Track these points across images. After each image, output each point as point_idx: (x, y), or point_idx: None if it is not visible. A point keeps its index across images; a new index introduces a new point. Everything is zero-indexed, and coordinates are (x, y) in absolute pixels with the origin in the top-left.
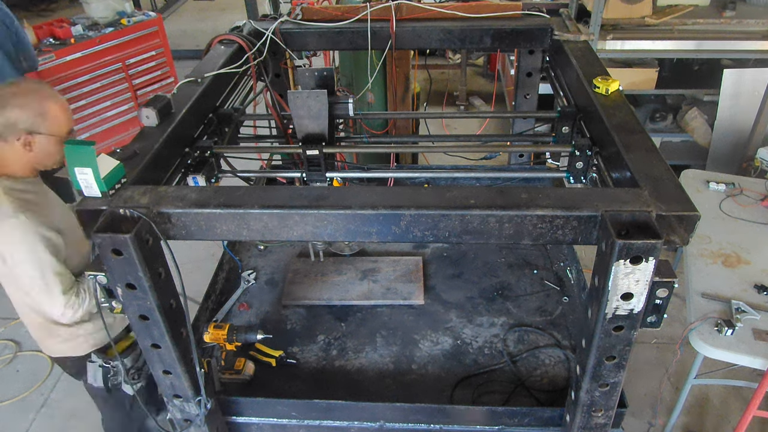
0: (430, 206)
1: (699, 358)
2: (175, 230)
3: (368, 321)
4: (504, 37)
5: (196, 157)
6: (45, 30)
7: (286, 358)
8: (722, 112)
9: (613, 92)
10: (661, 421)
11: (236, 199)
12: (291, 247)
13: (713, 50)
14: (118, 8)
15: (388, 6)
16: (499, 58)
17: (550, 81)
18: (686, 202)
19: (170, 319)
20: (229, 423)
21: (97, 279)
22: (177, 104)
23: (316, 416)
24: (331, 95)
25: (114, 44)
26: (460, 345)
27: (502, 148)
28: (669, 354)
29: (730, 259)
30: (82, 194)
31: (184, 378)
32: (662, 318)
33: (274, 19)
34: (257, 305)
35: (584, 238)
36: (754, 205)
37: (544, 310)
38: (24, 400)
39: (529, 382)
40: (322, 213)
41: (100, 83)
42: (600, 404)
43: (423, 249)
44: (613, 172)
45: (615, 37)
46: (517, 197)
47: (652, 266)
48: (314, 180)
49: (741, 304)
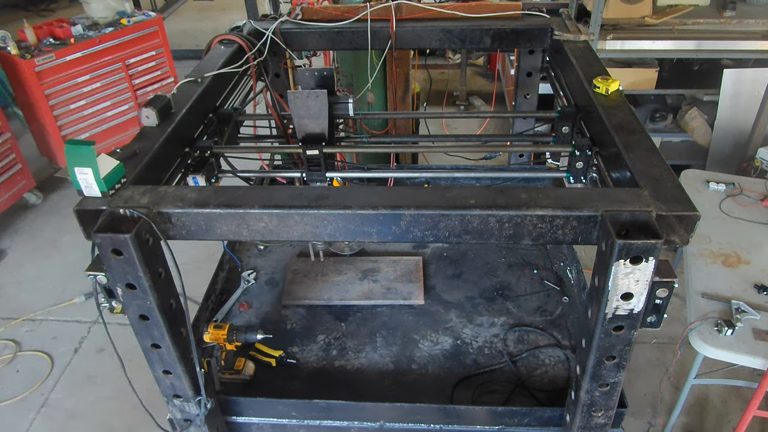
0: (430, 206)
1: (699, 358)
2: (175, 230)
3: (368, 321)
4: (504, 37)
5: (196, 157)
6: (45, 30)
7: (286, 358)
8: (722, 112)
9: (613, 92)
10: (661, 421)
11: (236, 199)
12: (291, 247)
13: (713, 50)
14: (118, 8)
15: (388, 6)
16: (499, 58)
17: (550, 81)
18: (686, 202)
19: (170, 319)
20: (229, 423)
21: (97, 279)
22: (177, 104)
23: (316, 416)
24: (331, 95)
25: (114, 44)
26: (460, 345)
27: (502, 148)
28: (669, 354)
29: (730, 259)
30: (82, 194)
31: (184, 378)
32: (662, 318)
33: (274, 19)
34: (257, 305)
35: (584, 238)
36: (754, 205)
37: (544, 310)
38: (24, 400)
39: (529, 382)
40: (322, 213)
41: (100, 83)
42: (600, 404)
43: (423, 249)
44: (613, 172)
45: (615, 37)
46: (517, 197)
47: (652, 266)
48: (314, 180)
49: (741, 304)
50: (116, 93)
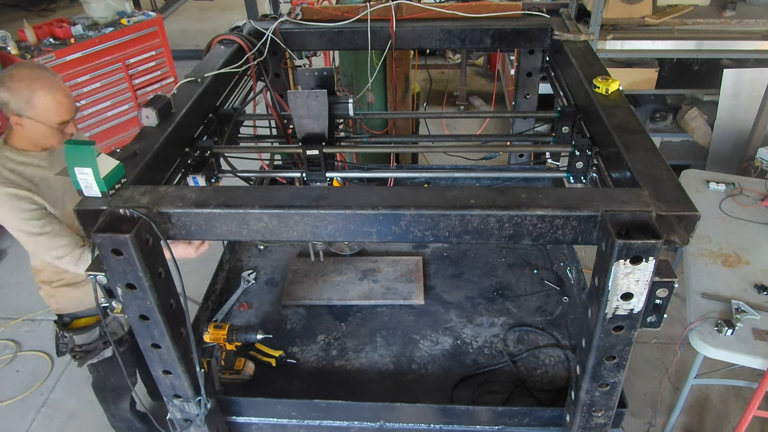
0: (430, 206)
1: (699, 358)
2: (175, 230)
3: (368, 321)
4: (504, 37)
5: (196, 157)
6: (45, 30)
7: (286, 358)
8: (722, 112)
9: (613, 92)
10: (661, 421)
11: (236, 199)
12: (291, 247)
13: (713, 50)
14: (118, 8)
15: (388, 6)
16: (499, 58)
17: (550, 81)
18: (686, 202)
19: (170, 319)
20: (229, 423)
21: (97, 279)
22: (177, 104)
23: (316, 416)
24: (331, 95)
25: (114, 44)
26: (460, 345)
27: (502, 148)
28: (669, 354)
29: (730, 259)
30: (82, 194)
31: (184, 378)
32: (662, 318)
33: (274, 19)
34: (257, 305)
35: (584, 238)
36: (754, 205)
37: (544, 310)
38: (24, 400)
39: (529, 382)
40: (322, 213)
41: (100, 83)
42: (600, 404)
43: (423, 249)
44: (613, 172)
45: (615, 37)
46: (517, 197)
47: (652, 266)
48: (314, 180)
49: (741, 304)
50: (116, 93)
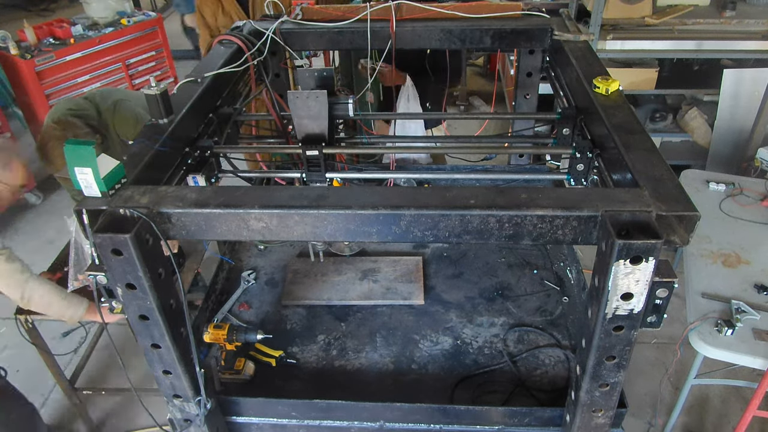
0: (430, 206)
1: (699, 358)
2: (175, 230)
3: (368, 321)
4: (504, 37)
5: (196, 156)
6: (45, 30)
7: (286, 358)
8: (722, 112)
9: (613, 92)
10: (661, 421)
11: (236, 199)
12: (291, 247)
13: (713, 50)
14: (118, 8)
15: (388, 6)
16: (499, 58)
17: (550, 81)
18: (686, 202)
19: (170, 319)
20: (229, 423)
21: (97, 279)
22: (177, 104)
23: (316, 416)
24: (331, 95)
25: (114, 44)
26: (460, 345)
27: (502, 149)
28: (669, 354)
29: (730, 259)
30: (82, 194)
31: (184, 378)
32: (662, 318)
33: (275, 18)
34: (257, 305)
35: (584, 238)
36: (754, 205)
37: (544, 310)
38: None
39: (529, 382)
40: (322, 213)
41: (100, 83)
42: (600, 404)
43: (423, 249)
44: (614, 173)
45: (615, 37)
46: (517, 197)
47: (652, 266)
48: (314, 180)
49: (741, 304)
50: None
